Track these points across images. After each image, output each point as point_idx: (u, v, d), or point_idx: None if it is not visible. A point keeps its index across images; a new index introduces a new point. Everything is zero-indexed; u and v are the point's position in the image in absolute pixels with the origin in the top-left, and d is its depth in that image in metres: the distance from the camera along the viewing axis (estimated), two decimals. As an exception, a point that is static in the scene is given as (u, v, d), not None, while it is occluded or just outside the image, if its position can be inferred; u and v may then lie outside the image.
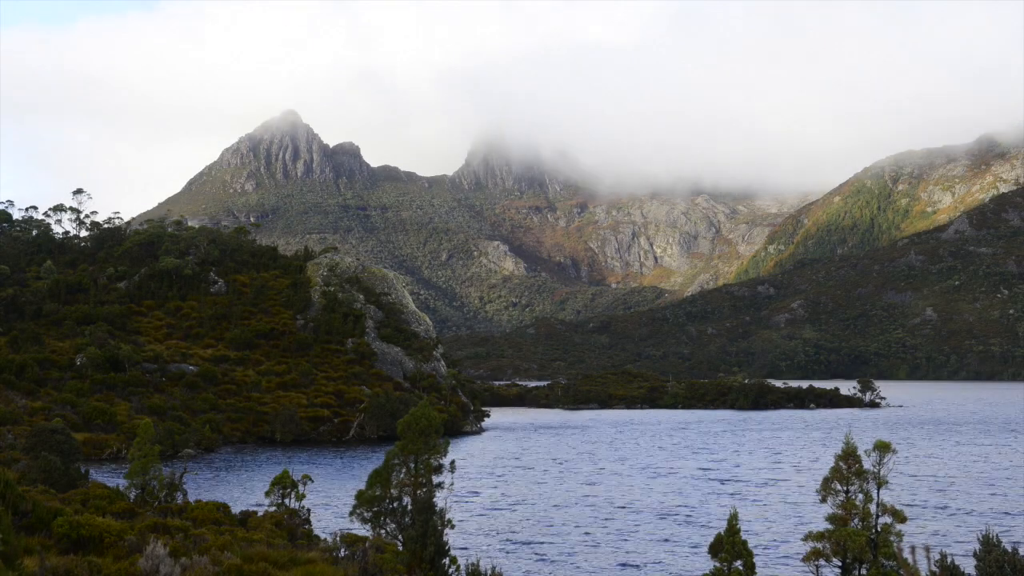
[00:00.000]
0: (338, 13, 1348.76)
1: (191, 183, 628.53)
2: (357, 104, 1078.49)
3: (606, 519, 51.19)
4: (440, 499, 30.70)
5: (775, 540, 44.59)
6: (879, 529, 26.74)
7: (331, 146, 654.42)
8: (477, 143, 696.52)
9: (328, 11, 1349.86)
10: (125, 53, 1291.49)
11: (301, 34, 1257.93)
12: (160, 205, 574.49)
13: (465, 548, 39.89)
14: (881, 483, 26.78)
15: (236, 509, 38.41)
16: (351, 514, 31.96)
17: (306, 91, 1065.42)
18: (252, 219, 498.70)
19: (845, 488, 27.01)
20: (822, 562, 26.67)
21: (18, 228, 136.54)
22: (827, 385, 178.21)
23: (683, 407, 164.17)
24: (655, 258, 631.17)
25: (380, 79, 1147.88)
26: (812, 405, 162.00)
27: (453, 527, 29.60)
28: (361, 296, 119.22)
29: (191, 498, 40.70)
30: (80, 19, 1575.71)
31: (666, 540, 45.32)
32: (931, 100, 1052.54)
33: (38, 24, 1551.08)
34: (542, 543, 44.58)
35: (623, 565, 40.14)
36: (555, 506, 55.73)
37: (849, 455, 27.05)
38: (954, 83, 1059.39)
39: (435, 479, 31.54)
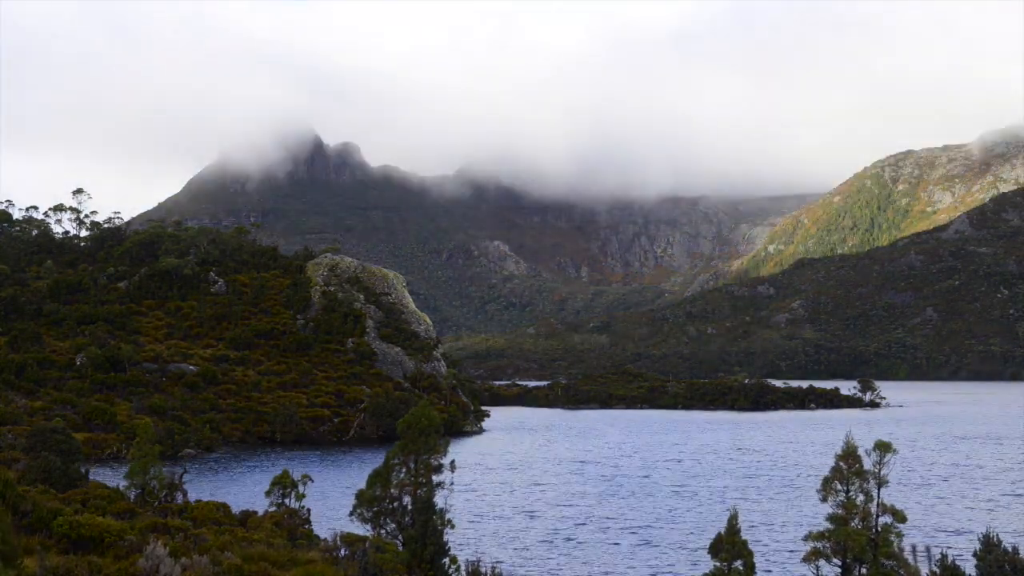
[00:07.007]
0: (339, 12, 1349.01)
1: (191, 183, 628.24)
2: (358, 104, 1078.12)
3: (607, 518, 51.17)
4: (440, 499, 30.68)
5: (775, 540, 44.58)
6: (879, 529, 26.72)
7: (332, 146, 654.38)
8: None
9: (330, 10, 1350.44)
10: (125, 50, 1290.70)
11: (302, 33, 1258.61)
12: (160, 205, 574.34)
13: (465, 548, 39.88)
14: (881, 483, 26.78)
15: (236, 509, 38.41)
16: (351, 514, 31.95)
17: (306, 90, 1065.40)
18: (252, 219, 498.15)
19: (845, 488, 27.00)
20: (822, 562, 26.66)
21: (18, 228, 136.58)
22: (827, 385, 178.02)
23: (683, 407, 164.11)
24: (655, 258, 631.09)
25: (381, 79, 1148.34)
26: (812, 405, 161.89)
27: (453, 527, 29.58)
28: (361, 296, 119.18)
29: (191, 498, 40.70)
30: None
31: (667, 539, 45.31)
32: (931, 100, 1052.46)
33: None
34: (542, 543, 44.57)
35: (623, 565, 40.13)
36: (555, 505, 55.72)
37: (849, 455, 27.04)
38: (954, 83, 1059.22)
39: (435, 479, 31.51)
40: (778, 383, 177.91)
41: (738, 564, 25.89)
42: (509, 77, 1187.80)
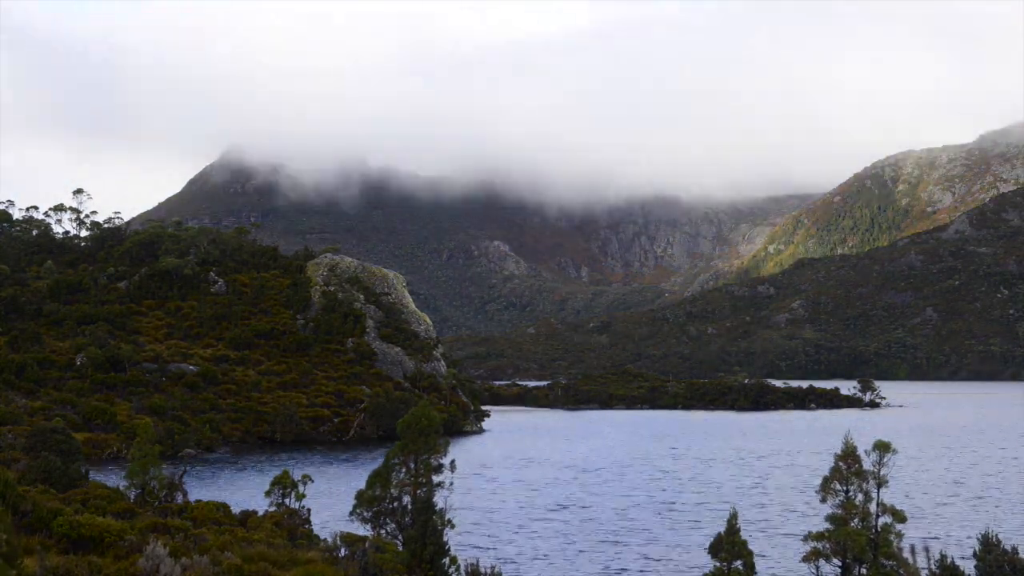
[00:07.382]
0: (338, 13, 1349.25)
1: (191, 183, 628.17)
2: (357, 104, 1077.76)
3: (607, 518, 51.19)
4: (440, 499, 30.69)
5: (775, 540, 44.58)
6: (879, 529, 26.75)
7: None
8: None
9: (328, 11, 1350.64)
10: (126, 48, 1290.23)
11: (302, 33, 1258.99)
12: (160, 205, 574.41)
13: (465, 548, 39.88)
14: (881, 483, 26.80)
15: (236, 509, 38.39)
16: (351, 514, 31.96)
17: (305, 90, 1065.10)
18: (252, 219, 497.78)
19: (845, 488, 27.02)
20: (822, 562, 26.68)
21: (18, 228, 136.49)
22: (827, 385, 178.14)
23: (683, 407, 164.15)
24: (655, 258, 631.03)
25: (379, 79, 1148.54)
26: (812, 405, 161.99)
27: (453, 527, 29.59)
28: (361, 296, 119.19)
29: (191, 498, 40.70)
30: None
31: (667, 540, 45.32)
32: (931, 100, 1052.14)
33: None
34: (542, 543, 44.59)
35: (623, 564, 40.13)
36: (555, 505, 55.74)
37: (849, 455, 27.06)
38: (954, 83, 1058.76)
39: (435, 479, 31.54)
40: (778, 383, 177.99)
41: (738, 564, 25.92)
42: (501, 73, 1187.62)
